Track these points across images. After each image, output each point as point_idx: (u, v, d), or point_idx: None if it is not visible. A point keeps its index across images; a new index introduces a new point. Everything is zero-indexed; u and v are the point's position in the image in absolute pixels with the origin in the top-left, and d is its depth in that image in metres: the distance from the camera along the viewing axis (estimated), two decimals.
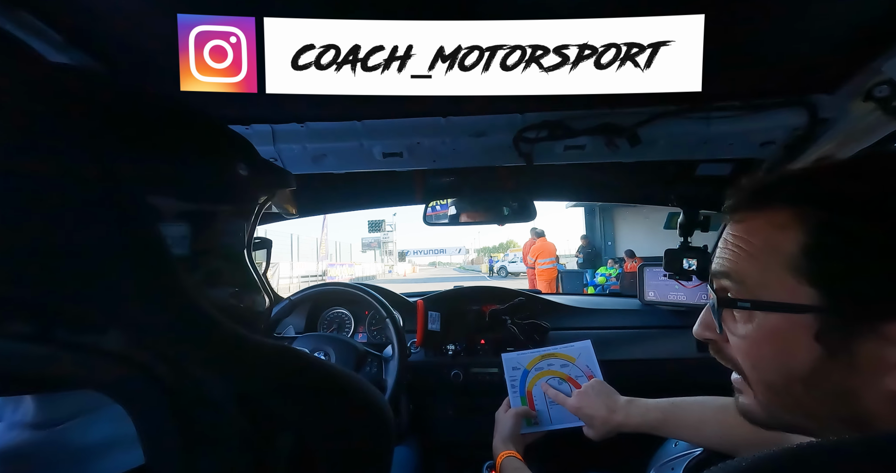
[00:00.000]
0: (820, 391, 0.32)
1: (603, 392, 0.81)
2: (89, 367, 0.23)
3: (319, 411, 0.29)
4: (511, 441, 0.81)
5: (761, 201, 0.36)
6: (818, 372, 0.32)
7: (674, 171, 1.05)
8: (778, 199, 0.35)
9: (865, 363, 0.30)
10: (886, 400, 0.30)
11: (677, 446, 0.81)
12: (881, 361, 0.29)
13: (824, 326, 0.31)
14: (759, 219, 0.35)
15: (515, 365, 0.96)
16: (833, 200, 0.32)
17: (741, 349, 0.36)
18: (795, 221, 0.33)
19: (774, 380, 0.35)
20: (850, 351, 0.30)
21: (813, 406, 0.33)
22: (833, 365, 0.31)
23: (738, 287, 0.37)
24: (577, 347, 0.97)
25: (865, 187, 0.31)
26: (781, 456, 0.25)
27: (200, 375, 0.25)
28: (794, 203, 0.33)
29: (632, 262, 6.92)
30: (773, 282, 0.34)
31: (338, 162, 0.96)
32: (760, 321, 0.35)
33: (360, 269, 24.01)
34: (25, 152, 0.21)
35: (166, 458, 0.23)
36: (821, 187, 0.33)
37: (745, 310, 0.36)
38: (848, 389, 0.31)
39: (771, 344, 0.34)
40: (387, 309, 1.17)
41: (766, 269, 0.34)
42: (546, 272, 6.88)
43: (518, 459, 0.76)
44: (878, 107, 0.69)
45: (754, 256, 0.35)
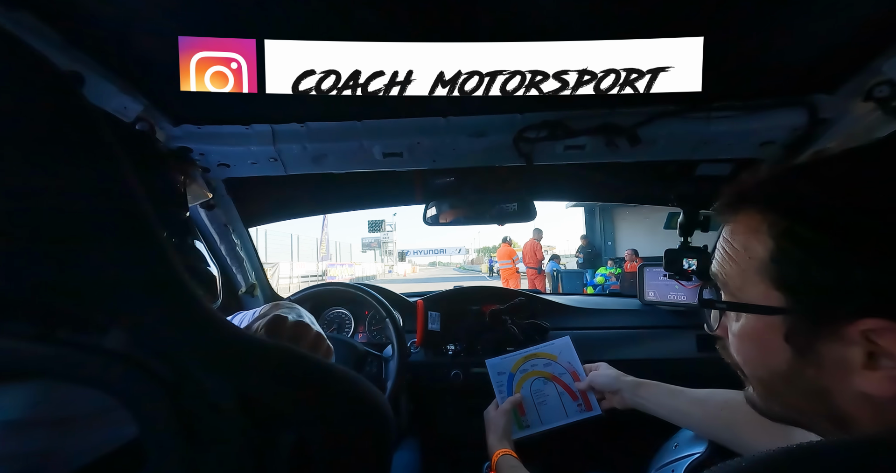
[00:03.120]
0: (798, 389, 0.34)
1: (611, 375, 0.88)
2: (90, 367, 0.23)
3: (320, 411, 0.29)
4: (506, 438, 0.82)
5: (738, 205, 0.37)
6: (793, 370, 0.33)
7: (674, 171, 1.05)
8: (751, 204, 0.36)
9: (831, 363, 0.31)
10: (857, 400, 0.31)
11: (678, 447, 0.81)
12: (846, 362, 0.30)
13: (791, 328, 0.32)
14: (739, 223, 0.37)
15: (500, 369, 0.97)
16: (793, 208, 0.33)
17: (734, 346, 0.38)
18: (765, 226, 0.34)
19: (762, 376, 0.37)
20: (816, 351, 0.31)
21: (797, 403, 0.35)
22: (805, 364, 0.32)
23: (723, 288, 0.39)
24: (558, 344, 0.98)
25: (822, 195, 0.31)
26: (781, 456, 0.26)
27: (202, 375, 0.25)
28: (763, 209, 0.35)
29: (632, 262, 6.95)
30: (749, 285, 0.35)
31: (338, 162, 0.96)
32: (743, 321, 0.37)
33: (360, 269, 24.02)
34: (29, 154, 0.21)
35: (168, 458, 0.23)
36: (786, 194, 0.34)
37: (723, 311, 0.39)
38: (821, 388, 0.32)
39: (752, 343, 0.36)
40: (387, 309, 1.17)
41: (743, 272, 0.36)
42: (504, 272, 8.51)
43: (514, 457, 0.77)
44: (878, 107, 0.69)
45: (734, 259, 0.37)
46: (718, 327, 0.41)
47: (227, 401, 0.25)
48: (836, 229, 0.30)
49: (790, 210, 0.33)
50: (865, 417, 0.31)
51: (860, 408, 0.31)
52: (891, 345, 0.28)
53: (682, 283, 1.34)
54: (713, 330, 0.42)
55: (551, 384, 0.93)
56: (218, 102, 0.80)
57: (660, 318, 1.40)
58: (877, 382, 0.29)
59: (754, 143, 0.87)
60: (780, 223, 0.33)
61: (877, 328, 0.28)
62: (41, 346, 0.23)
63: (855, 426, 0.32)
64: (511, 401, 0.89)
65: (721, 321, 0.41)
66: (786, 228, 0.32)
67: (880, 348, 0.29)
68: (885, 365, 0.29)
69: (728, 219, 0.38)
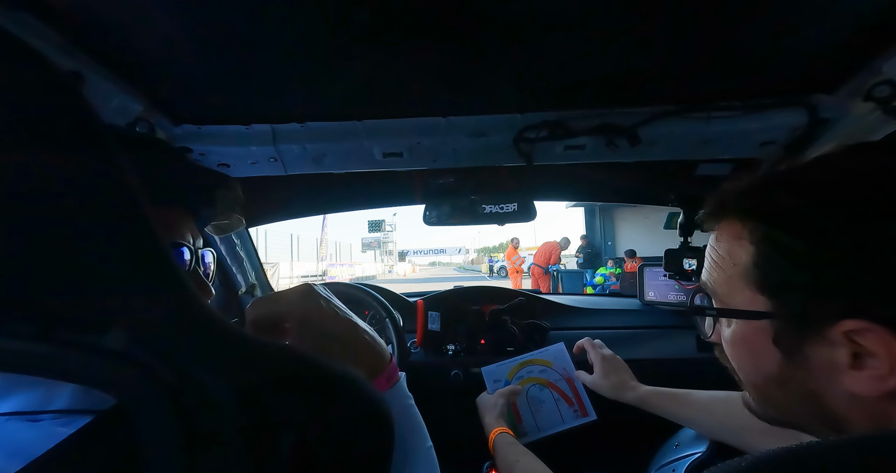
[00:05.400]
0: (791, 392, 0.34)
1: (621, 367, 0.89)
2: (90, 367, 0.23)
3: (320, 411, 0.29)
4: (502, 417, 0.83)
5: (721, 214, 0.38)
6: (784, 374, 0.34)
7: (674, 171, 1.05)
8: (732, 212, 0.37)
9: (819, 365, 0.31)
10: (847, 401, 0.31)
11: (679, 447, 0.81)
12: (833, 363, 0.30)
13: (778, 332, 0.33)
14: (723, 231, 0.38)
15: (496, 377, 0.98)
16: (770, 214, 0.33)
17: (728, 352, 0.39)
18: (746, 233, 0.35)
19: (756, 381, 0.37)
20: (804, 354, 0.32)
21: (790, 406, 0.35)
22: (794, 367, 0.33)
23: (712, 295, 0.39)
24: (553, 351, 0.99)
25: (799, 201, 0.32)
26: (781, 457, 0.26)
27: (202, 375, 0.25)
28: (743, 216, 0.35)
29: (632, 262, 6.96)
30: (735, 291, 0.36)
31: (338, 162, 0.96)
32: (734, 327, 0.37)
33: (360, 269, 24.02)
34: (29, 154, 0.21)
35: (168, 458, 0.23)
36: (763, 201, 0.35)
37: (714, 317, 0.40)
38: (812, 390, 0.33)
39: (743, 349, 0.37)
40: (387, 309, 1.17)
41: (729, 278, 0.36)
42: (509, 271, 9.22)
43: (510, 434, 0.78)
44: (878, 107, 0.69)
45: (721, 266, 0.37)
46: (712, 334, 0.42)
47: (227, 401, 0.25)
48: (810, 233, 0.30)
49: (768, 216, 0.33)
50: (857, 418, 0.31)
51: (851, 409, 0.31)
52: (873, 345, 0.28)
53: (682, 283, 1.35)
54: (707, 337, 0.42)
55: (547, 390, 0.94)
56: (218, 102, 0.80)
57: (660, 318, 1.40)
58: (864, 382, 0.29)
59: (754, 143, 0.87)
60: (759, 229, 0.34)
61: (858, 328, 0.29)
62: (41, 346, 0.23)
63: (848, 427, 0.32)
64: (510, 391, 0.89)
65: (715, 328, 0.41)
66: (764, 234, 0.33)
67: (864, 348, 0.29)
68: (871, 365, 0.29)
69: (712, 228, 0.39)
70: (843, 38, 0.63)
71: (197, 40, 0.61)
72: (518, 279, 8.87)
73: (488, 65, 0.68)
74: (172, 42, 0.61)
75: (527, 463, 0.69)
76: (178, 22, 0.57)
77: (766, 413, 0.39)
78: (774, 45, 0.65)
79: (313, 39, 0.61)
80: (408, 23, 0.58)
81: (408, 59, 0.66)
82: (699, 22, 0.59)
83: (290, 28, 0.59)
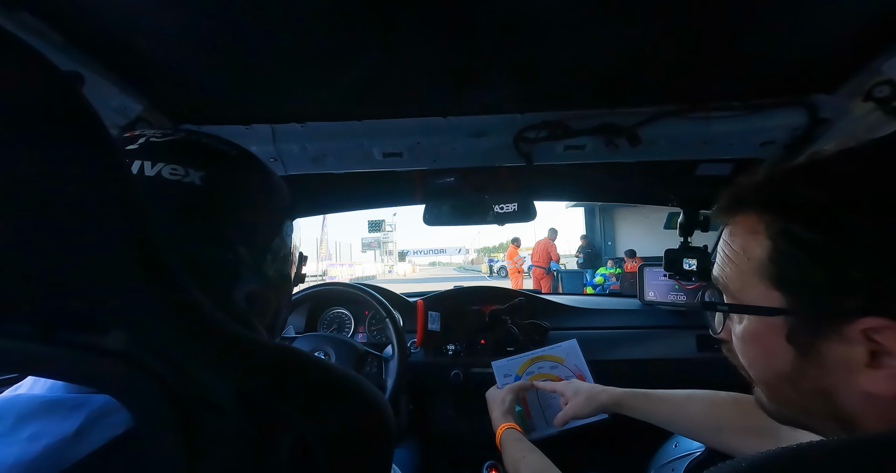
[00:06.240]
0: (804, 390, 0.33)
1: (580, 386, 0.83)
2: (90, 367, 0.23)
3: (320, 411, 0.29)
4: (510, 413, 0.82)
5: (736, 208, 0.37)
6: (797, 371, 0.33)
7: (674, 171, 1.05)
8: (748, 205, 0.36)
9: (834, 363, 0.31)
10: (862, 400, 0.30)
11: (678, 446, 0.81)
12: (849, 361, 0.30)
13: (792, 328, 0.32)
14: (737, 225, 0.37)
15: (507, 372, 0.97)
16: (790, 208, 0.32)
17: (738, 349, 0.38)
18: (763, 227, 0.34)
19: (767, 378, 0.36)
20: (819, 351, 0.31)
21: (803, 405, 0.35)
22: (808, 365, 0.32)
23: (724, 291, 0.38)
24: (565, 347, 0.98)
25: (819, 195, 0.31)
26: (781, 457, 0.26)
27: (203, 376, 0.25)
28: (760, 210, 0.35)
29: (632, 262, 6.96)
30: (749, 286, 0.35)
31: (338, 162, 0.96)
32: (745, 323, 0.36)
33: (360, 269, 24.02)
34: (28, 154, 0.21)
35: (169, 460, 0.23)
36: (782, 194, 0.34)
37: (725, 313, 0.38)
38: (826, 388, 0.32)
39: (755, 345, 0.36)
40: (387, 309, 1.17)
41: (742, 273, 0.36)
42: (510, 270, 9.26)
43: (517, 430, 0.77)
44: (878, 107, 0.69)
45: (734, 261, 0.37)
46: (722, 330, 0.41)
47: (228, 401, 0.25)
48: (831, 228, 0.30)
49: (786, 210, 0.33)
50: (871, 417, 0.31)
51: (865, 408, 0.31)
52: (892, 344, 0.28)
53: (682, 283, 1.35)
54: (717, 333, 0.41)
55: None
56: (218, 102, 0.80)
57: (660, 318, 1.40)
58: (880, 381, 0.29)
59: (754, 143, 0.87)
60: (777, 223, 0.33)
61: (877, 326, 0.28)
62: (41, 346, 0.23)
63: (861, 426, 0.31)
64: (519, 386, 0.88)
65: (725, 324, 0.40)
66: (782, 228, 0.32)
67: (882, 347, 0.28)
68: (888, 364, 0.28)
69: (726, 222, 0.38)
70: (843, 38, 0.63)
71: (197, 40, 0.61)
72: (519, 279, 8.88)
73: (488, 64, 0.68)
74: (172, 42, 0.61)
75: (533, 460, 0.68)
76: (178, 22, 0.57)
77: (779, 412, 0.38)
78: (774, 45, 0.65)
79: (313, 39, 0.61)
80: (408, 23, 0.58)
81: (408, 59, 0.66)
82: (699, 22, 0.59)
83: (290, 28, 0.58)
